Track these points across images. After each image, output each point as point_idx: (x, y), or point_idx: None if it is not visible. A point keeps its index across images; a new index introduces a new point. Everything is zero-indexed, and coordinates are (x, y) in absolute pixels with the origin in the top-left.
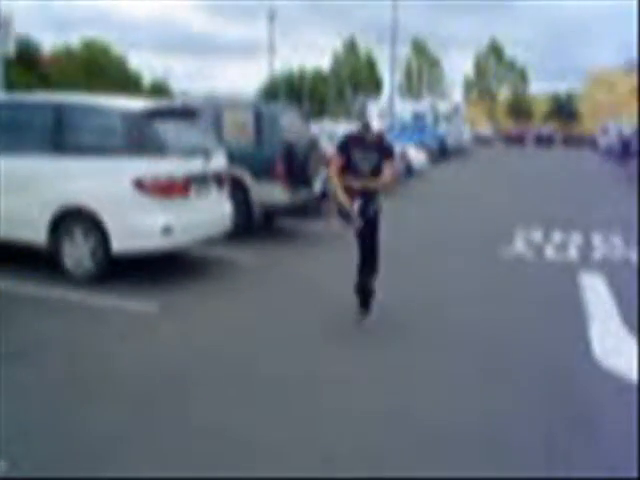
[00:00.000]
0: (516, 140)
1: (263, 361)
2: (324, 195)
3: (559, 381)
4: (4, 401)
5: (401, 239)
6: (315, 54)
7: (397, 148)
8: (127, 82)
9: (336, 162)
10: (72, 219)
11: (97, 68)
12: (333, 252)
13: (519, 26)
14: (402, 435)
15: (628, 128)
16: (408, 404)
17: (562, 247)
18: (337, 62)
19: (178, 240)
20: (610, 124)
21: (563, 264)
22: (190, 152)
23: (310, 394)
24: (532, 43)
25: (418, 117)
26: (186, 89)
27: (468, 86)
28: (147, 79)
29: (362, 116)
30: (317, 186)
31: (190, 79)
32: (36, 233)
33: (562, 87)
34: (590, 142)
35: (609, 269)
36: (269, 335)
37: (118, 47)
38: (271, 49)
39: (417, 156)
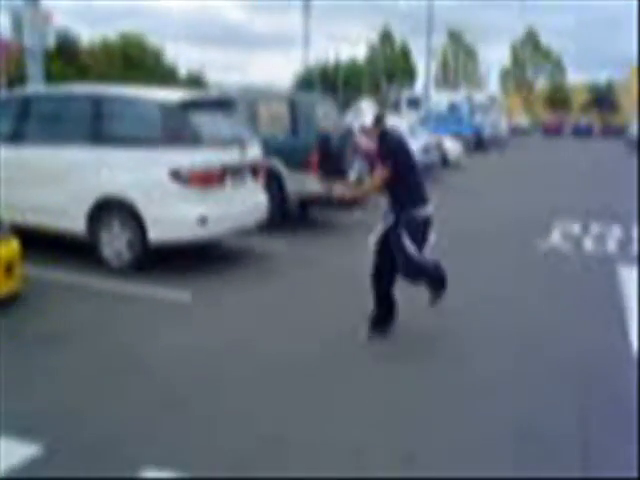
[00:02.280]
0: (553, 131)
1: (292, 350)
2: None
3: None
4: (40, 383)
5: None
6: (350, 45)
7: (433, 139)
8: (163, 74)
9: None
10: (110, 209)
11: (134, 60)
12: (367, 243)
13: (556, 15)
14: None
15: None
16: None
17: (600, 239)
18: (372, 52)
19: (214, 230)
20: None
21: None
22: (226, 143)
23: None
24: (569, 32)
25: (454, 108)
26: (221, 80)
27: (504, 76)
28: (183, 71)
29: (397, 107)
30: (352, 177)
31: (225, 71)
32: (75, 223)
33: (601, 77)
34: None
35: None
36: (300, 325)
37: (154, 39)
38: (306, 40)
39: (453, 147)
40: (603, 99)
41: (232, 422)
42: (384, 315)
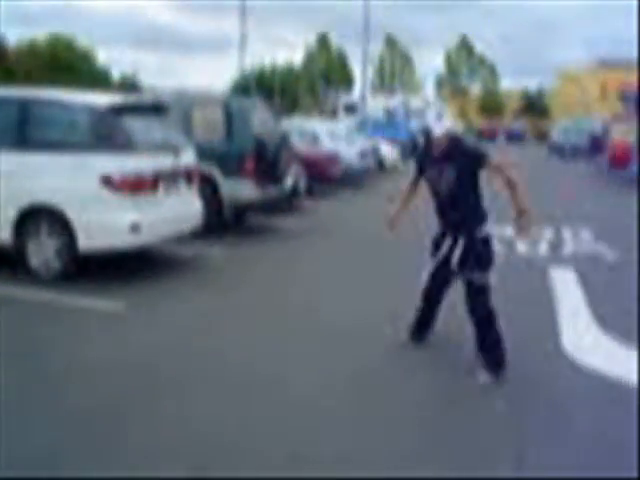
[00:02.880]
0: (487, 136)
1: (231, 356)
2: (295, 192)
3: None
4: None
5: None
6: (287, 50)
7: (369, 144)
8: (95, 77)
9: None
10: (38, 217)
11: (63, 63)
12: (303, 248)
13: (488, 23)
14: None
15: (598, 125)
16: None
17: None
18: (309, 58)
19: (147, 237)
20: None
21: (534, 258)
22: (159, 148)
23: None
24: (501, 40)
25: (390, 113)
26: (156, 84)
27: (440, 82)
28: (116, 74)
29: (334, 113)
30: (288, 183)
31: (160, 75)
32: (0, 232)
33: (532, 84)
34: None
35: (578, 264)
36: (236, 331)
37: (85, 42)
38: (242, 44)
39: (389, 152)
40: (534, 105)
41: (170, 428)
42: (424, 324)
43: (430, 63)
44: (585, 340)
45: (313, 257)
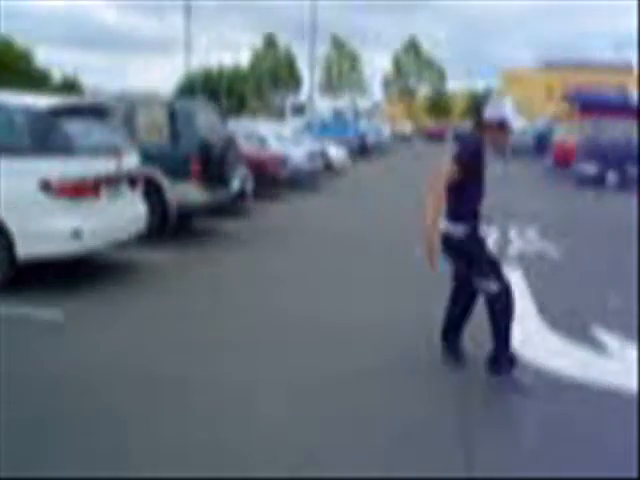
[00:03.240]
0: (435, 137)
1: (168, 365)
2: (242, 194)
3: None
4: None
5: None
6: (233, 51)
7: (317, 145)
8: (34, 78)
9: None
10: None
11: (0, 64)
12: (250, 252)
13: (437, 24)
14: None
15: (541, 123)
16: None
17: None
18: (256, 58)
19: (89, 244)
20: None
21: None
22: (101, 152)
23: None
24: (449, 41)
25: (338, 114)
26: (99, 86)
27: (388, 84)
28: (57, 75)
29: (282, 114)
30: (235, 185)
31: (103, 76)
32: None
33: (479, 85)
34: None
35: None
36: (180, 340)
37: (24, 42)
38: (188, 45)
39: (337, 153)
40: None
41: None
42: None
43: (378, 64)
44: (532, 338)
45: (261, 261)
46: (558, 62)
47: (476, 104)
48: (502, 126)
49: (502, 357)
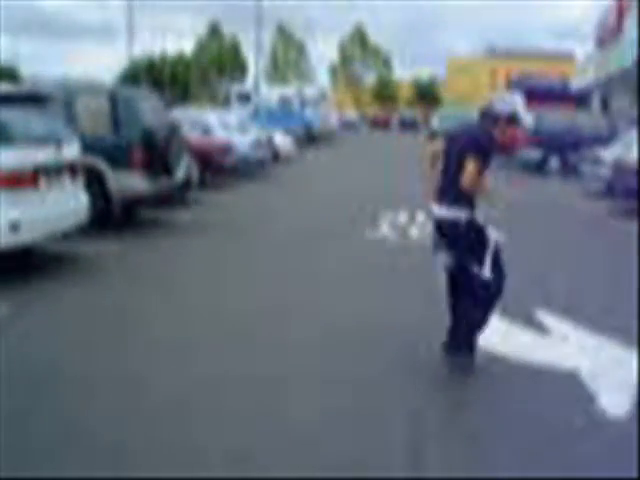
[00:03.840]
0: (381, 124)
1: (111, 362)
2: (187, 183)
3: None
4: None
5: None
6: (177, 39)
7: (264, 134)
8: None
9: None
10: None
11: None
12: (195, 242)
13: (382, 13)
14: None
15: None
16: None
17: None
18: (200, 46)
19: (28, 236)
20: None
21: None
22: (39, 141)
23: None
24: (395, 30)
25: (284, 102)
26: (38, 73)
27: (334, 72)
28: None
29: (227, 102)
30: (179, 174)
31: (42, 64)
32: None
33: (424, 73)
34: None
35: None
36: (120, 332)
37: None
38: (130, 33)
39: (284, 142)
40: (426, 93)
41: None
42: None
43: (324, 52)
44: None
45: (206, 252)
46: (502, 50)
47: (486, 107)
48: (511, 121)
49: (465, 342)
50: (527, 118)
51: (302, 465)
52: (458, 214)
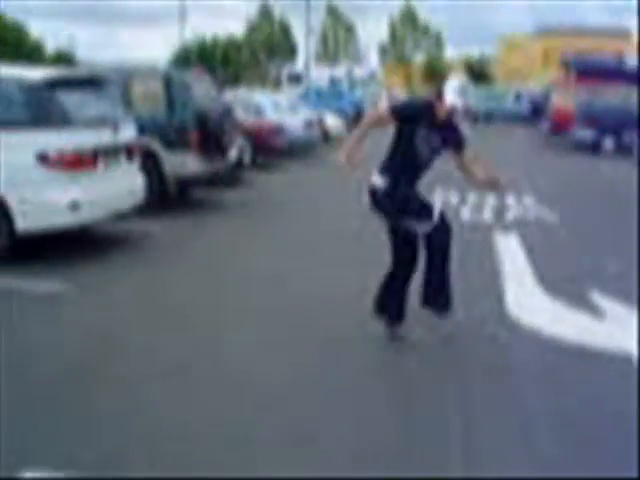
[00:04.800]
0: None
1: (170, 342)
2: (240, 165)
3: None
4: None
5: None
6: (227, 21)
7: (314, 115)
8: (28, 51)
9: (375, 113)
10: None
11: None
12: (249, 222)
13: None
14: None
15: (537, 91)
16: None
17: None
18: (251, 28)
19: (87, 216)
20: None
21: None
22: (97, 123)
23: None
24: (446, 8)
25: (334, 83)
26: (94, 58)
27: (384, 52)
28: (51, 48)
29: (278, 83)
30: (232, 155)
31: (98, 48)
32: None
33: (476, 51)
34: None
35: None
36: (186, 310)
37: (15, 15)
38: (182, 16)
39: (334, 122)
40: (477, 72)
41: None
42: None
43: (374, 32)
44: (530, 302)
45: (259, 231)
46: (555, 28)
47: (428, 70)
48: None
49: (439, 294)
50: (452, 99)
51: None
52: (378, 183)
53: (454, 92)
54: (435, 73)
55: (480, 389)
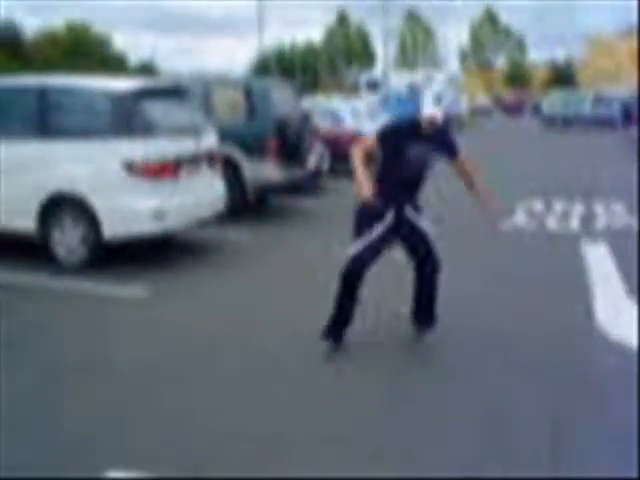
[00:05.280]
0: (514, 110)
1: (258, 346)
2: (318, 172)
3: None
4: None
5: None
6: (305, 29)
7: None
8: (112, 62)
9: (363, 145)
10: (61, 205)
11: (80, 49)
12: (329, 229)
13: None
14: None
15: (627, 94)
16: None
17: (564, 216)
18: (329, 36)
19: (170, 223)
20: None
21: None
22: (180, 132)
23: None
24: (528, 9)
25: (413, 89)
26: (174, 68)
27: (464, 56)
28: (134, 59)
29: (355, 90)
30: (311, 162)
31: (178, 58)
32: (25, 221)
33: (560, 54)
34: None
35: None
36: (264, 317)
37: (101, 27)
38: (260, 24)
39: None
40: (562, 76)
41: (200, 420)
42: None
43: (454, 37)
44: (620, 314)
45: (340, 238)
46: None
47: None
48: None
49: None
50: (428, 110)
51: None
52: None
53: (429, 103)
54: (518, 77)
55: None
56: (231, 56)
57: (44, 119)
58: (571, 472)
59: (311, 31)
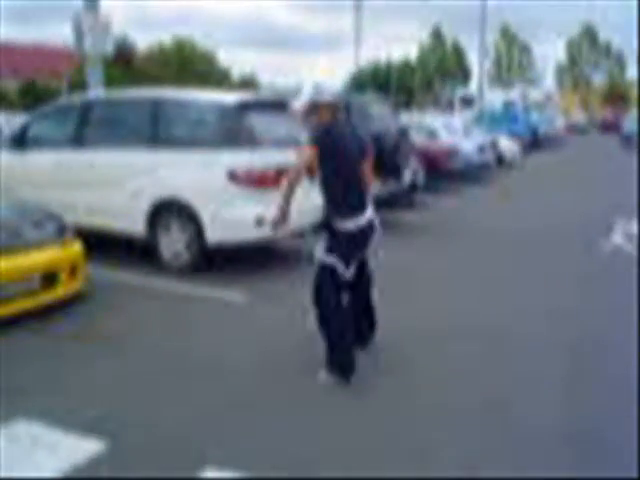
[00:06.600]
0: (610, 127)
1: None
2: (414, 186)
3: None
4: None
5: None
6: (400, 46)
7: (488, 138)
8: (217, 77)
9: (299, 162)
10: (169, 211)
11: (188, 64)
12: (427, 243)
13: (613, 8)
14: None
15: None
16: None
17: None
18: (424, 52)
19: (270, 231)
20: None
21: None
22: (282, 143)
23: None
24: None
25: (508, 106)
26: (273, 82)
27: (561, 73)
28: (236, 73)
29: (450, 106)
30: (406, 177)
31: (277, 72)
32: (135, 225)
33: None
34: None
35: None
36: None
37: (207, 43)
38: (357, 41)
39: (508, 146)
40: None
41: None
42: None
43: (551, 53)
44: None
45: (436, 253)
46: None
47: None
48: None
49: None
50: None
51: None
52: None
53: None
54: (615, 94)
55: None
56: (329, 71)
57: (156, 129)
58: None
59: (406, 48)
